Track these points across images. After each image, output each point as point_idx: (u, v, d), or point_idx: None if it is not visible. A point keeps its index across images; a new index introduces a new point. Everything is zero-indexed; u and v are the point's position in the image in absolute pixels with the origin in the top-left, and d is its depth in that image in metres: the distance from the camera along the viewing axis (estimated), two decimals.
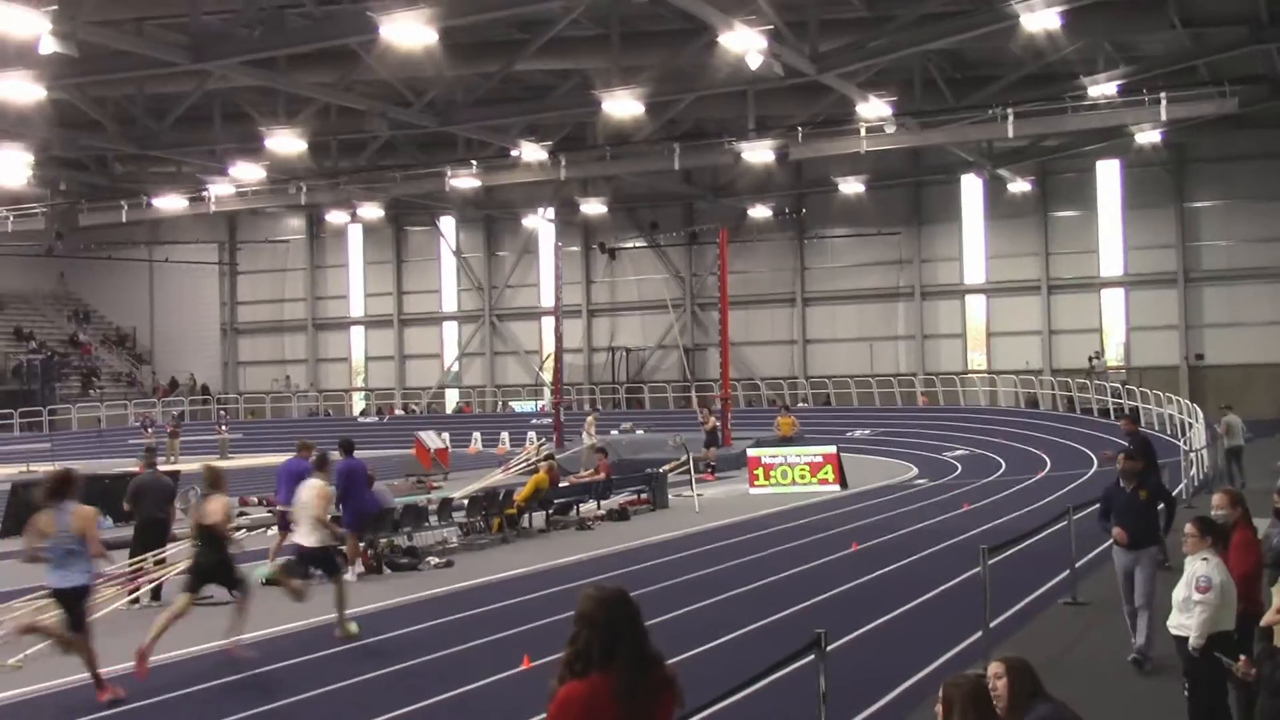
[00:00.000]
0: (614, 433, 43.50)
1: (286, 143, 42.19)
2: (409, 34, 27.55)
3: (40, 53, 27.09)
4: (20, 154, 44.94)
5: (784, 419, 42.29)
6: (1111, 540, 12.25)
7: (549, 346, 58.33)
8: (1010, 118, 39.00)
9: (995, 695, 6.42)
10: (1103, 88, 38.04)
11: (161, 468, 19.66)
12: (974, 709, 5.82)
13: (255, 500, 28.86)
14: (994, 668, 6.57)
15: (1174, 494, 17.79)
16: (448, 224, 65.85)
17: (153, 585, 16.40)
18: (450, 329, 67.55)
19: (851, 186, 52.62)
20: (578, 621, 4.89)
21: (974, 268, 56.44)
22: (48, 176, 53.06)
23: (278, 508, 19.41)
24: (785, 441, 37.66)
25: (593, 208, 56.55)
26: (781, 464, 31.53)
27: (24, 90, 34.56)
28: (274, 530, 21.03)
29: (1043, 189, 53.47)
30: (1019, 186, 52.21)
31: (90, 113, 43.41)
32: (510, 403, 63.43)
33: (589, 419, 42.86)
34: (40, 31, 25.32)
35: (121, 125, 45.19)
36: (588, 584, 5.18)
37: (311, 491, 14.90)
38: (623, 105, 36.56)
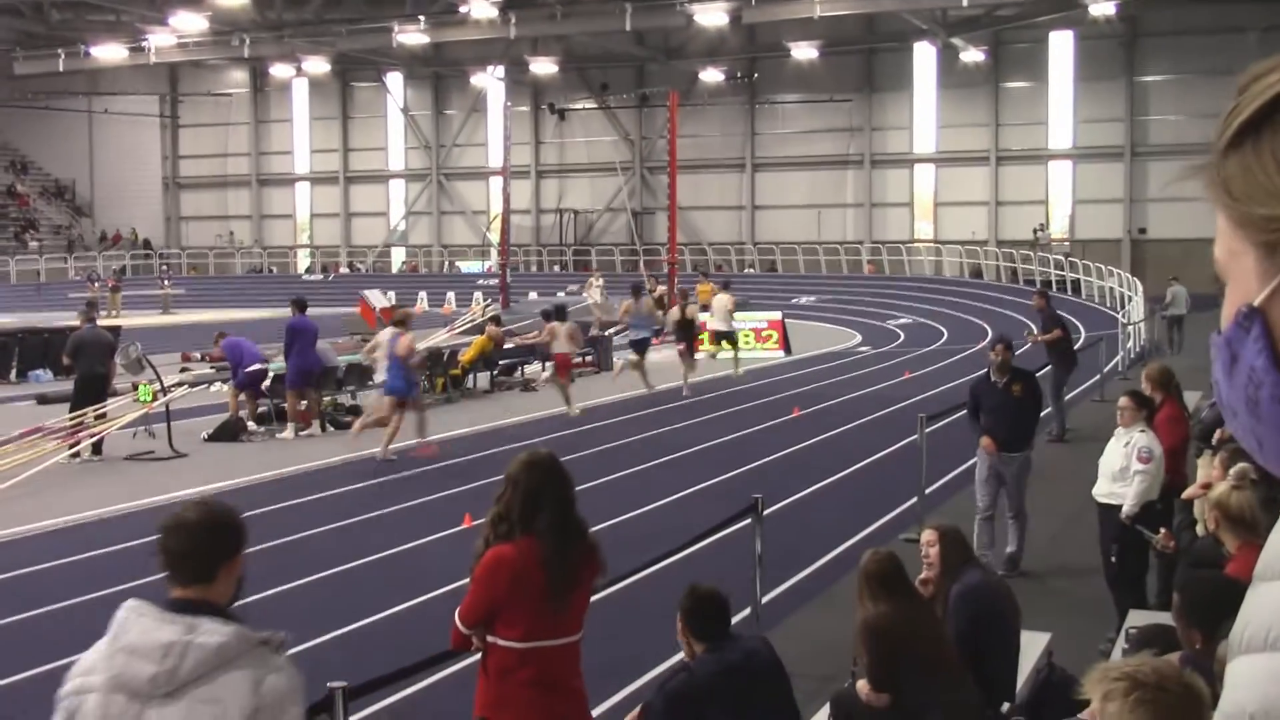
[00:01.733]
0: (561, 295, 43.48)
1: None
2: None
3: None
4: None
5: (703, 286, 37.67)
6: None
7: (496, 207, 57.90)
8: None
9: (927, 562, 6.57)
10: None
11: (102, 322, 19.52)
12: (881, 585, 5.94)
13: (198, 356, 28.62)
14: (927, 535, 6.72)
15: (1062, 395, 17.76)
16: (395, 80, 64.72)
17: (93, 439, 16.35)
18: (397, 187, 66.82)
19: (804, 52, 52.12)
20: (504, 483, 4.94)
21: (924, 137, 56.28)
22: None
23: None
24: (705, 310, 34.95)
25: (543, 67, 55.76)
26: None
27: None
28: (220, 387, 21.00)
29: (995, 59, 53.17)
30: (972, 56, 51.90)
31: None
32: (457, 263, 63.12)
33: (592, 279, 40.77)
34: None
35: None
36: (525, 446, 5.24)
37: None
38: None
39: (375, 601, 9.76)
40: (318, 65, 57.16)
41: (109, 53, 52.58)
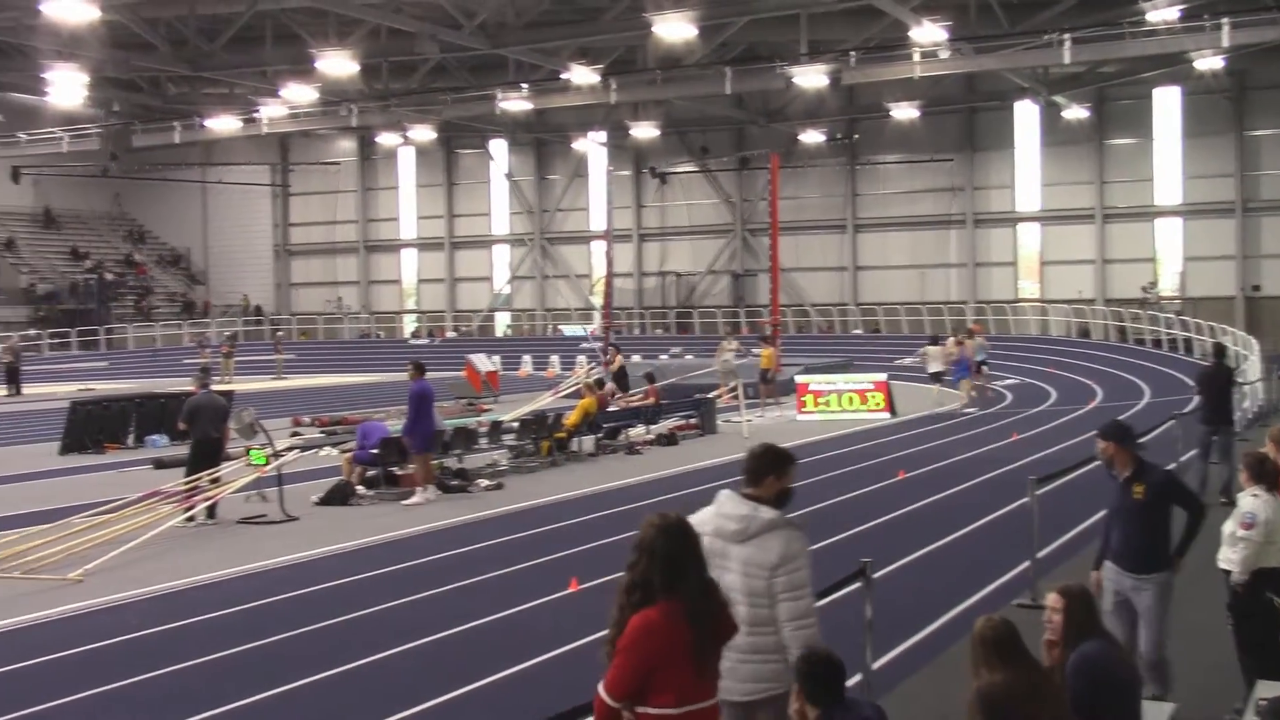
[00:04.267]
0: (663, 358, 43.57)
1: (338, 64, 42.20)
2: None
3: None
4: (75, 74, 45.20)
5: (765, 351, 35.70)
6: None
7: (599, 270, 58.28)
8: (1067, 43, 38.42)
9: (1050, 627, 6.39)
10: (1163, 13, 37.27)
11: (215, 388, 19.93)
12: (995, 653, 5.79)
13: (307, 420, 29.13)
14: (1052, 599, 6.49)
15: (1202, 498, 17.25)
16: (499, 147, 65.73)
17: (208, 503, 16.65)
18: (500, 252, 67.66)
19: (904, 112, 52.03)
20: (637, 550, 4.88)
21: (1027, 195, 55.82)
22: (102, 97, 53.44)
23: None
24: (764, 376, 34.14)
25: (643, 131, 56.26)
26: (831, 391, 31.53)
27: (77, 10, 34.78)
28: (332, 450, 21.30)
29: (1099, 116, 52.68)
30: (1074, 113, 51.46)
31: (143, 34, 43.54)
32: (560, 326, 63.60)
33: (725, 342, 39.49)
34: None
35: (174, 46, 45.36)
36: (648, 511, 5.23)
37: None
38: (674, 28, 36.27)
39: (482, 666, 9.78)
40: (423, 133, 58.26)
41: (223, 124, 54.09)
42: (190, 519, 16.18)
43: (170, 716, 8.60)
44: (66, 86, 47.84)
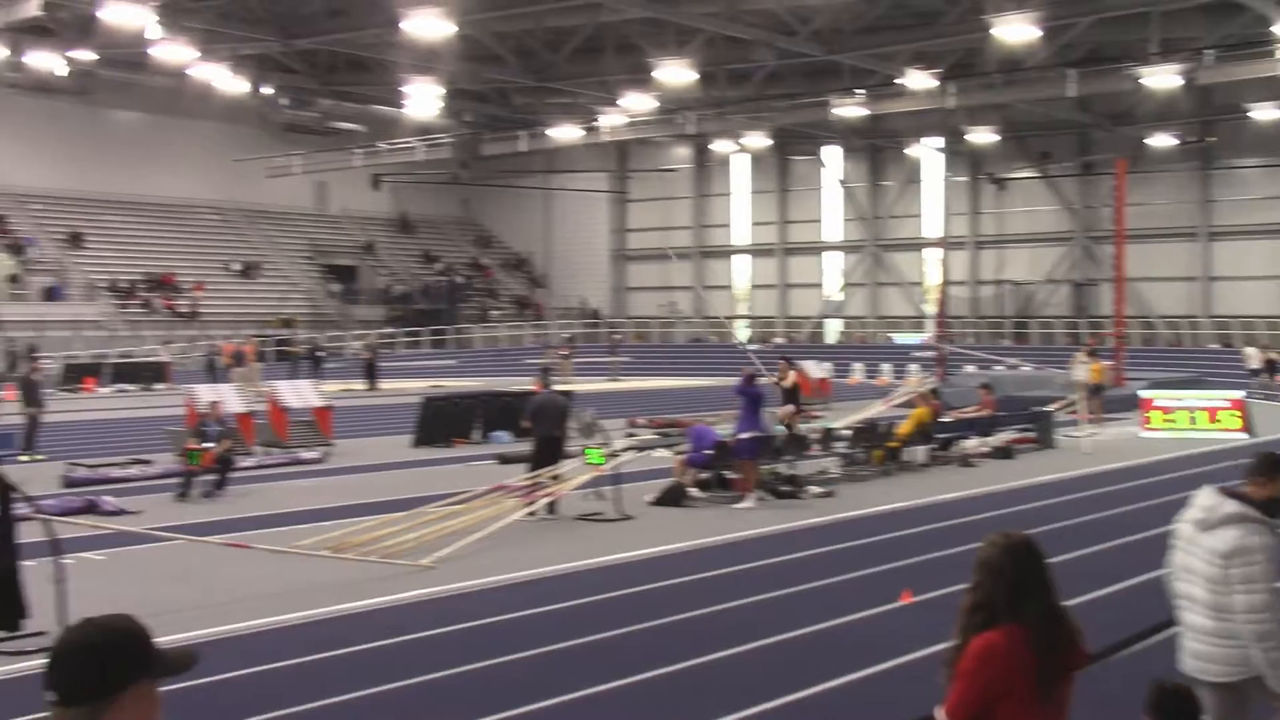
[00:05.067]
0: (999, 368, 42.48)
1: (675, 73, 43.02)
2: None
3: None
4: (432, 87, 47.80)
5: (1094, 365, 33.36)
6: None
7: (933, 278, 57.33)
8: None
9: None
10: None
11: (555, 387, 20.62)
12: None
13: (642, 421, 29.77)
14: None
15: None
16: (832, 153, 65.57)
17: (549, 499, 17.22)
18: (832, 259, 67.46)
19: (1266, 113, 48.98)
20: (980, 570, 4.73)
21: None
22: (454, 108, 56.23)
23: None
24: (1095, 389, 32.00)
25: (981, 136, 55.01)
26: (1179, 407, 29.98)
27: (436, 27, 36.73)
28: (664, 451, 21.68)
29: None
30: None
31: (493, 47, 45.55)
32: (891, 334, 62.89)
33: (1079, 354, 37.45)
34: None
35: (521, 58, 47.28)
36: (983, 526, 5.09)
37: None
38: (1016, 29, 35.33)
39: (812, 674, 9.75)
40: (757, 140, 58.74)
41: (565, 133, 56.07)
42: (532, 513, 16.77)
43: (507, 703, 8.93)
44: (423, 99, 50.70)
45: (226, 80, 49.27)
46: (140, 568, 13.99)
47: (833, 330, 67.57)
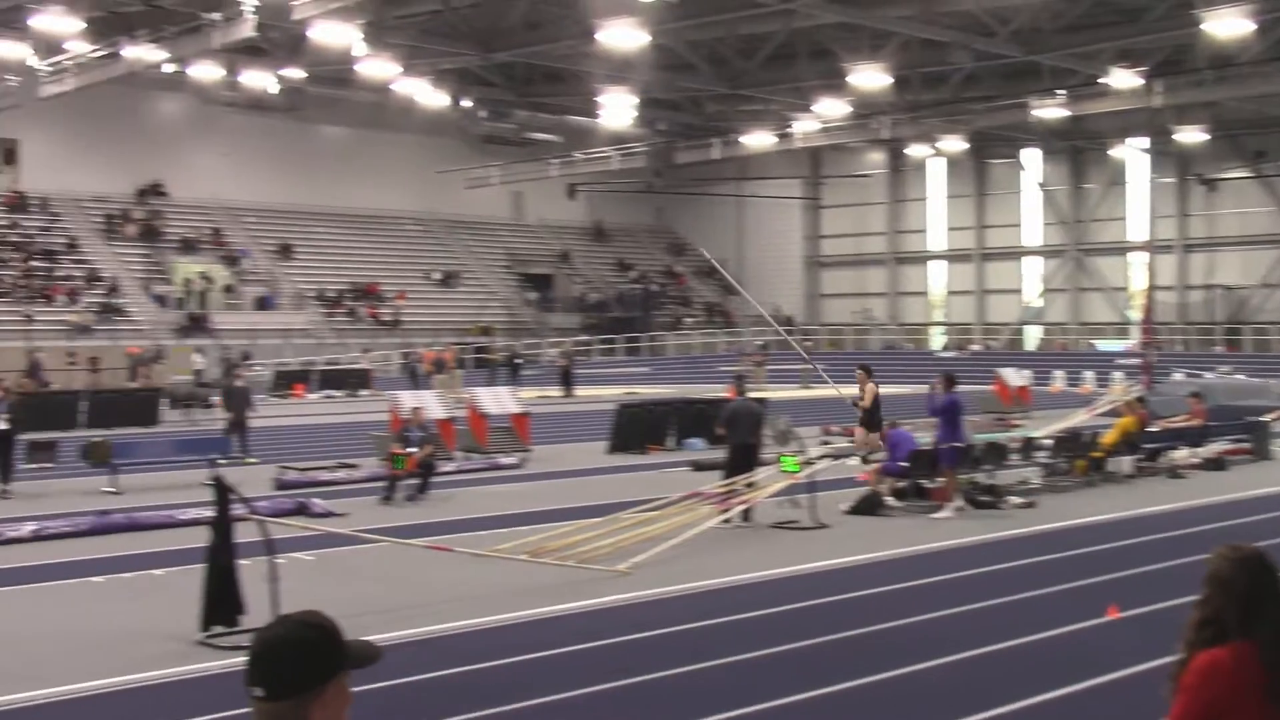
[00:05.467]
0: (1209, 376, 40.90)
1: (869, 77, 42.63)
2: None
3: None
4: (626, 97, 48.31)
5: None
6: None
7: (1137, 283, 55.57)
8: None
9: None
10: None
11: (749, 394, 20.60)
12: None
13: (836, 429, 29.54)
14: None
15: None
16: (1031, 156, 64.11)
17: (744, 506, 17.20)
18: (1032, 264, 65.95)
19: None
20: (1210, 584, 4.54)
21: None
22: (648, 117, 56.67)
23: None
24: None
25: (1189, 136, 53.10)
26: None
27: (630, 37, 37.13)
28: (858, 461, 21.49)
29: None
30: None
31: (686, 56, 45.77)
32: (1094, 341, 61.13)
33: None
34: None
35: (714, 66, 47.42)
36: (1198, 540, 4.91)
37: None
38: (1228, 24, 34.02)
39: (1016, 688, 9.53)
40: (953, 144, 57.82)
41: (757, 140, 56.03)
42: (726, 521, 16.77)
43: (701, 710, 8.94)
44: (617, 108, 51.26)
45: (427, 94, 50.60)
46: (347, 568, 14.44)
47: (1032, 336, 66.03)
